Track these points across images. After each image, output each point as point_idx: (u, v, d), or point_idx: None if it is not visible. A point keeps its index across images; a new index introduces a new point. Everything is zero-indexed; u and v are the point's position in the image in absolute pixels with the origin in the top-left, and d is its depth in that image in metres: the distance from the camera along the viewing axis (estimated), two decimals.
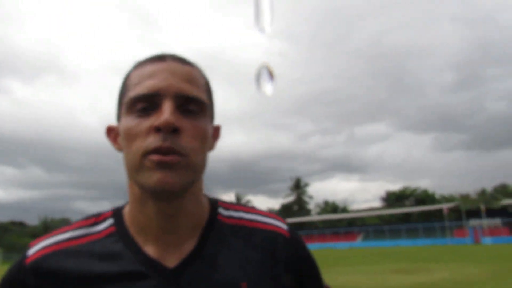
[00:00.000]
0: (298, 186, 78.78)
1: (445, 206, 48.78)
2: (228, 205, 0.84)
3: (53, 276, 0.69)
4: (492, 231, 44.34)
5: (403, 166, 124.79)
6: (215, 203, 0.82)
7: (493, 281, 10.36)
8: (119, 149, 0.75)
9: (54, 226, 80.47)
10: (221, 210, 0.82)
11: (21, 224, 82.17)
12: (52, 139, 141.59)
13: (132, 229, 0.75)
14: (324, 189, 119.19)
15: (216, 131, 0.82)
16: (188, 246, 0.74)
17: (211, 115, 0.77)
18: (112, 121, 0.79)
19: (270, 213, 0.86)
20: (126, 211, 0.77)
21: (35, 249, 0.73)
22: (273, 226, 0.82)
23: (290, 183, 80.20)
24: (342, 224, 69.05)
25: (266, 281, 0.75)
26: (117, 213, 0.78)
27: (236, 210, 0.83)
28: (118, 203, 0.80)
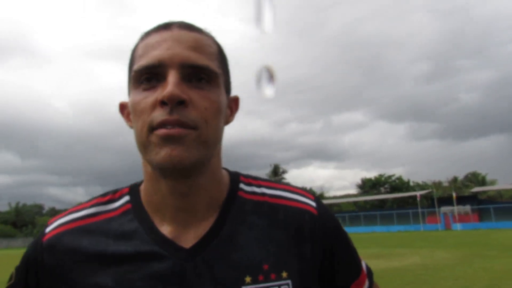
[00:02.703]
0: (276, 173, 79.07)
1: (418, 193, 50.10)
2: (250, 180, 0.78)
3: (69, 254, 0.68)
4: (462, 218, 45.89)
5: (379, 154, 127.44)
6: (236, 178, 0.77)
7: (461, 265, 10.61)
8: (132, 126, 0.69)
9: (26, 211, 78.45)
10: (243, 186, 0.76)
11: None
12: (26, 124, 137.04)
13: (148, 208, 0.72)
14: (301, 176, 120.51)
15: (234, 102, 0.76)
16: (206, 225, 0.69)
17: (225, 85, 0.72)
18: (80, 106, 0.72)
19: (296, 188, 0.79)
20: (143, 188, 0.74)
21: (52, 227, 0.72)
22: (298, 202, 0.76)
23: (267, 171, 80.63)
24: None
25: (290, 262, 0.70)
26: (133, 190, 0.75)
27: (259, 186, 0.77)
28: (92, 189, 0.73)
